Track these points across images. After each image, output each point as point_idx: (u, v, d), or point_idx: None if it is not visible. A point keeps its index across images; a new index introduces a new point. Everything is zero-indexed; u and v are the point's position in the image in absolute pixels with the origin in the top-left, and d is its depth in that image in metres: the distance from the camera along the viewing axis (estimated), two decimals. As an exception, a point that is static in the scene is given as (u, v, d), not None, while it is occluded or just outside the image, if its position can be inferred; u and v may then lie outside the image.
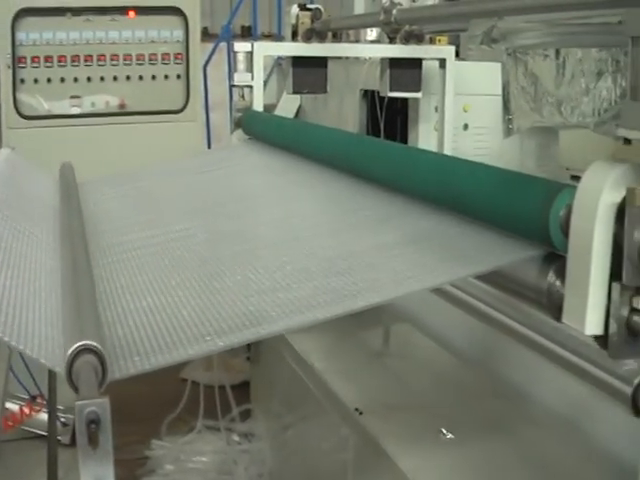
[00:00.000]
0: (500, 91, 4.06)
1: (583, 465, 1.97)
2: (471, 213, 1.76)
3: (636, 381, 1.58)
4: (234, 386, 3.99)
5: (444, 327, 2.59)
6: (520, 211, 1.56)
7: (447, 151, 3.97)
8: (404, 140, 4.37)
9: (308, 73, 3.85)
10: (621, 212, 1.33)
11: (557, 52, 3.91)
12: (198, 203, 2.66)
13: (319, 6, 3.97)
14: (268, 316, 1.53)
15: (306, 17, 3.85)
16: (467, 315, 2.22)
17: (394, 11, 3.34)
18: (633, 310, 1.35)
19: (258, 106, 3.76)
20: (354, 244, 1.92)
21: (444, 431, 2.28)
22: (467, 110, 4.27)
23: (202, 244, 2.15)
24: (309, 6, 3.95)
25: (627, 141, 1.39)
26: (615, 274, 1.35)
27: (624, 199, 1.33)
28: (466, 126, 4.29)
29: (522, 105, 4.05)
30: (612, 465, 1.87)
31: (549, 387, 2.09)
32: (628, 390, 1.61)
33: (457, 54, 4.26)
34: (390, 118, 4.47)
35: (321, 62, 3.87)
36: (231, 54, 4.03)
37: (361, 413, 2.46)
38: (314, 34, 3.83)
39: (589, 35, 3.34)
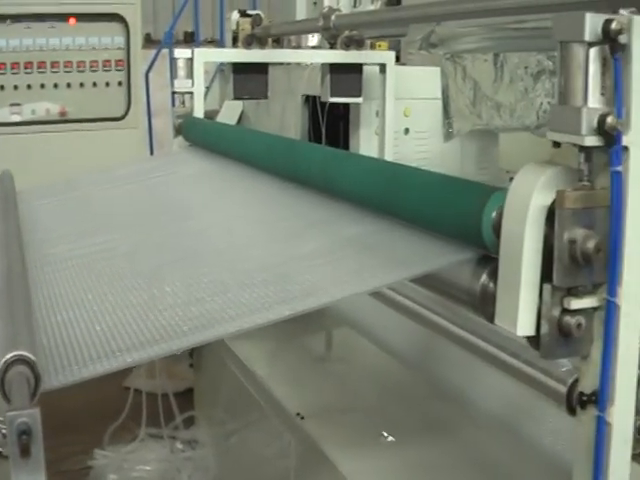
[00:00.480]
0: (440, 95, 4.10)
1: (521, 465, 1.99)
2: (406, 217, 1.76)
3: (570, 381, 1.60)
4: (177, 393, 3.97)
5: (385, 331, 2.60)
6: (454, 214, 1.57)
7: (388, 155, 3.99)
8: (346, 145, 4.38)
9: (249, 79, 3.85)
10: (551, 214, 1.35)
11: (495, 56, 3.95)
12: (129, 213, 2.64)
13: (259, 12, 3.95)
14: (180, 330, 1.52)
15: (246, 23, 3.83)
16: (408, 319, 2.24)
17: (333, 17, 3.36)
18: (564, 311, 1.37)
19: (198, 113, 3.75)
20: (277, 255, 1.91)
21: (385, 434, 2.29)
22: (408, 115, 4.29)
23: (124, 257, 2.13)
24: (249, 12, 3.94)
25: (557, 144, 1.40)
26: (546, 275, 1.36)
27: (554, 201, 1.35)
28: (407, 130, 4.31)
29: (462, 109, 4.08)
30: (548, 464, 1.89)
31: (488, 389, 2.11)
32: (563, 390, 1.62)
33: (397, 59, 4.28)
34: (332, 123, 4.47)
35: (262, 68, 3.87)
36: (172, 60, 4.02)
37: (302, 418, 2.46)
38: (254, 40, 3.82)
39: (526, 39, 3.36)
